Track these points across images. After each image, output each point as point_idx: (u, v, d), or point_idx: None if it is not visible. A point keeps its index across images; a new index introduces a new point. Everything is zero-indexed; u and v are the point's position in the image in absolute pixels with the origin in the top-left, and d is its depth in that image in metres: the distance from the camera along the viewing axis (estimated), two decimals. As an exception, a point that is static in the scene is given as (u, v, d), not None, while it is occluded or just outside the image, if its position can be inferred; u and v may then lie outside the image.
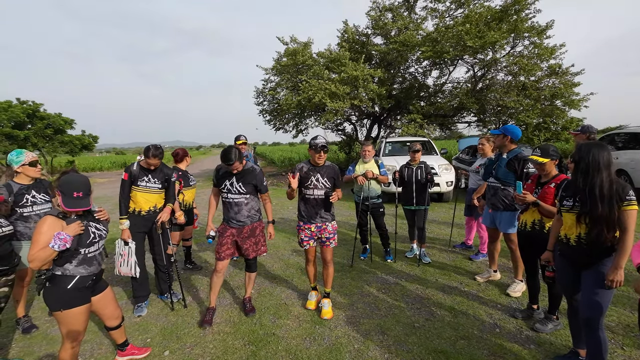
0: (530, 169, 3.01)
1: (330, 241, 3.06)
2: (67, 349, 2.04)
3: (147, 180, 3.18)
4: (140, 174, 3.16)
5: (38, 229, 1.87)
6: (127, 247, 3.05)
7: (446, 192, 8.08)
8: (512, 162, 3.14)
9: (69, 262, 1.97)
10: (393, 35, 12.52)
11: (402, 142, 10.14)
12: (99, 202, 6.34)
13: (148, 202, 3.21)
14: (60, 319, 1.98)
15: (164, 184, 3.28)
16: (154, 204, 3.25)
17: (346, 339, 2.74)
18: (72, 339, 2.03)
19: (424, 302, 3.29)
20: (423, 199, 4.28)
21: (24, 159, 2.83)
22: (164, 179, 3.27)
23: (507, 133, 3.18)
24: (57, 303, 1.95)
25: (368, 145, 4.29)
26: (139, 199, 3.18)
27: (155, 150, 3.11)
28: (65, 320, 1.98)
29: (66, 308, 1.96)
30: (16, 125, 14.59)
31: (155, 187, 3.22)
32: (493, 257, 3.66)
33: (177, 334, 2.88)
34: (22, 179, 2.87)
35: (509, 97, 10.90)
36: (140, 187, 3.17)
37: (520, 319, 2.92)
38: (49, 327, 3.04)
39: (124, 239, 3.06)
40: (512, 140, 3.20)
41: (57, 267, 1.97)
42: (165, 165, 3.39)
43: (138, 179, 3.15)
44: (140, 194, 3.18)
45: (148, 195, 3.20)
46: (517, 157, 3.13)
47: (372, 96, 11.32)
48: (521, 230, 2.82)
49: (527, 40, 10.65)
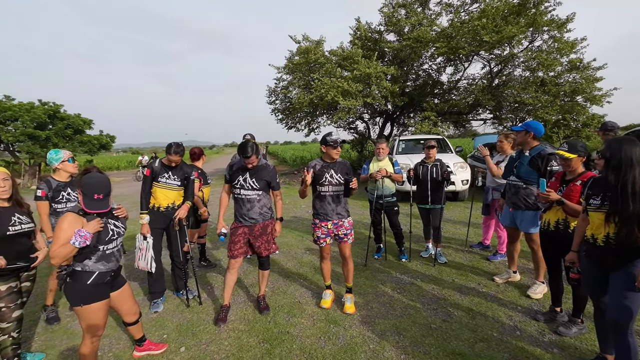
0: (554, 166, 2.89)
1: (348, 237, 3.06)
2: (87, 344, 2.08)
3: (167, 177, 3.26)
4: (161, 171, 3.25)
5: (59, 226, 1.91)
6: (146, 242, 3.11)
7: (461, 190, 7.92)
8: (534, 159, 3.03)
9: (88, 258, 2.01)
10: (406, 31, 12.34)
11: (416, 140, 9.99)
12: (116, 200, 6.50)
13: (167, 198, 3.28)
14: (80, 314, 2.02)
15: (183, 182, 3.35)
16: (173, 201, 3.32)
17: (361, 338, 2.70)
18: (91, 333, 2.07)
19: (440, 303, 3.22)
20: (438, 197, 4.19)
21: (63, 155, 3.00)
22: (184, 176, 3.34)
23: (530, 129, 3.07)
24: (78, 298, 1.99)
25: (382, 143, 4.23)
26: (158, 195, 3.26)
27: (176, 148, 3.20)
28: (85, 315, 2.02)
29: (86, 303, 1.99)
30: (38, 126, 15.10)
31: (175, 184, 3.29)
32: (513, 257, 3.55)
33: (192, 330, 2.90)
34: (60, 176, 3.03)
35: (526, 93, 10.60)
36: (161, 183, 3.25)
37: (542, 321, 2.81)
38: (69, 322, 3.12)
39: (143, 234, 3.12)
40: (534, 137, 3.09)
41: (77, 263, 2.00)
42: (186, 163, 3.47)
43: (159, 175, 3.24)
44: (159, 190, 3.26)
45: (167, 191, 3.28)
46: (540, 154, 3.02)
47: (385, 94, 11.20)
48: (544, 230, 2.71)
49: (546, 34, 10.33)
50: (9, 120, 14.52)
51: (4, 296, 2.23)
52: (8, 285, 2.25)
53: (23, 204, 2.42)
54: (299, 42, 12.39)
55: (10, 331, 2.26)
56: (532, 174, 3.05)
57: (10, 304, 2.25)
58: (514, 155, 3.32)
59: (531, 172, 3.06)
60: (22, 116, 14.45)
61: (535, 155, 3.04)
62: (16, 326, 2.29)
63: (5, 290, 2.24)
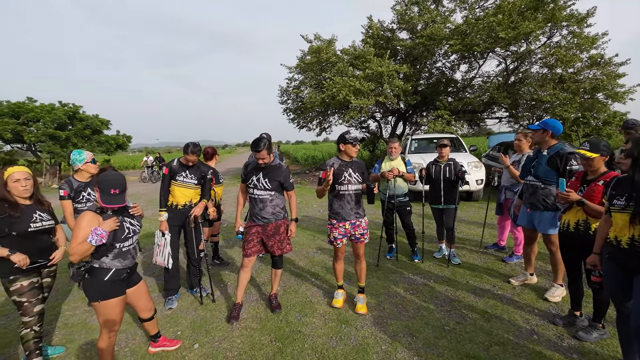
0: (574, 166, 2.80)
1: (365, 237, 3.05)
2: (105, 338, 2.13)
3: (184, 176, 3.34)
4: (179, 170, 3.34)
5: (77, 224, 1.96)
6: (164, 239, 3.17)
7: (476, 190, 7.77)
8: (553, 158, 2.94)
9: (105, 255, 2.06)
10: (419, 29, 12.19)
11: (429, 139, 9.85)
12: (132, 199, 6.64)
13: (184, 196, 3.36)
14: (98, 309, 2.07)
15: (200, 181, 3.42)
16: (190, 199, 3.39)
17: (373, 339, 2.68)
18: (109, 328, 2.12)
19: (454, 305, 3.16)
20: (452, 197, 4.12)
21: (86, 157, 3.09)
22: (201, 175, 3.41)
23: (548, 128, 2.98)
24: (96, 294, 2.04)
25: (394, 142, 4.18)
26: (176, 193, 3.34)
27: (193, 148, 3.28)
28: (103, 310, 2.07)
29: (103, 299, 2.04)
30: (58, 127, 15.58)
31: (192, 183, 3.36)
32: (530, 259, 3.46)
33: (206, 327, 2.94)
34: (81, 177, 3.12)
35: (544, 90, 10.30)
36: (178, 181, 3.33)
37: (561, 326, 2.73)
38: (88, 317, 3.20)
39: (161, 230, 3.19)
40: (552, 136, 3.00)
41: (94, 260, 2.06)
42: (203, 163, 3.55)
43: (177, 174, 3.33)
44: (177, 189, 3.34)
45: (184, 190, 3.36)
46: (558, 153, 2.92)
47: (398, 92, 11.08)
48: (563, 231, 2.63)
49: (565, 29, 10.01)
50: (31, 122, 15.03)
51: (26, 291, 2.30)
52: (30, 281, 2.33)
53: (44, 202, 2.50)
54: (311, 41, 12.39)
55: (32, 325, 2.33)
56: (550, 174, 2.96)
57: (32, 298, 2.33)
58: (531, 154, 3.23)
59: (549, 171, 2.96)
60: (43, 117, 14.93)
61: (553, 155, 2.95)
62: (38, 320, 2.36)
63: (28, 286, 2.31)
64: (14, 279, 2.27)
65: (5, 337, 2.94)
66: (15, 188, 2.29)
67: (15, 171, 2.31)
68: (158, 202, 3.36)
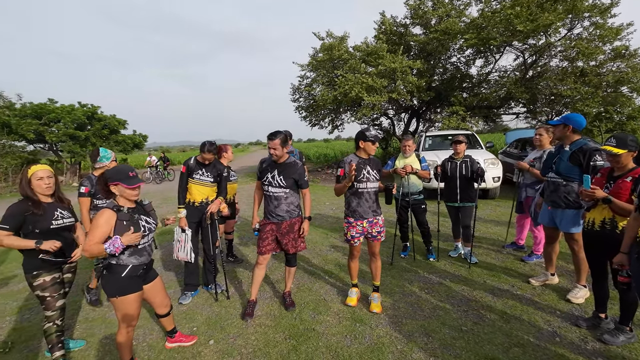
0: (598, 162, 2.68)
1: (381, 235, 3.03)
2: (123, 333, 2.18)
3: (200, 174, 3.40)
4: (195, 168, 3.40)
5: (95, 221, 2.00)
6: (184, 235, 3.23)
7: (492, 188, 7.59)
8: (576, 154, 2.82)
9: (122, 252, 2.10)
10: (433, 24, 11.97)
11: (443, 136, 9.67)
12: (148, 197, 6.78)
13: (201, 194, 3.43)
14: (116, 304, 2.11)
15: (216, 179, 3.48)
16: (206, 196, 3.45)
17: (388, 339, 2.64)
18: (126, 323, 2.16)
19: (471, 305, 3.09)
20: (468, 195, 4.02)
21: (112, 156, 3.26)
22: (217, 173, 3.47)
23: (569, 122, 2.86)
24: (114, 290, 2.08)
25: (409, 139, 4.11)
26: (193, 191, 3.41)
27: (210, 146, 3.35)
28: (121, 305, 2.11)
29: (121, 295, 2.08)
30: (78, 127, 16.07)
31: (208, 181, 3.43)
32: (551, 259, 3.34)
33: (221, 324, 2.97)
34: None
35: (564, 84, 9.94)
36: (195, 179, 3.40)
37: (585, 328, 2.63)
38: (107, 312, 3.28)
39: (181, 227, 3.25)
40: (574, 131, 2.87)
41: (111, 256, 2.10)
42: (219, 161, 3.59)
43: (194, 171, 3.39)
44: (194, 186, 3.41)
45: (201, 187, 3.42)
46: (581, 148, 2.80)
47: (411, 89, 10.92)
48: (588, 230, 2.52)
49: (587, 20, 9.63)
50: (53, 122, 15.55)
51: (48, 286, 2.37)
52: (52, 276, 2.40)
53: (64, 199, 2.57)
54: (323, 38, 12.33)
55: (55, 319, 2.40)
56: (573, 170, 2.85)
57: (54, 293, 2.40)
58: (552, 150, 3.11)
59: (572, 168, 2.85)
60: (64, 118, 15.42)
61: (576, 150, 2.83)
62: (59, 314, 2.43)
63: (50, 281, 2.38)
64: (37, 274, 2.34)
65: (29, 330, 3.04)
66: (39, 186, 2.35)
67: (39, 169, 2.38)
68: (176, 199, 3.45)
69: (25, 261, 2.36)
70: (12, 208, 2.29)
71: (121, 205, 2.11)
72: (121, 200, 2.13)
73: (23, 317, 3.29)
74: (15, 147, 15.59)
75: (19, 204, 2.31)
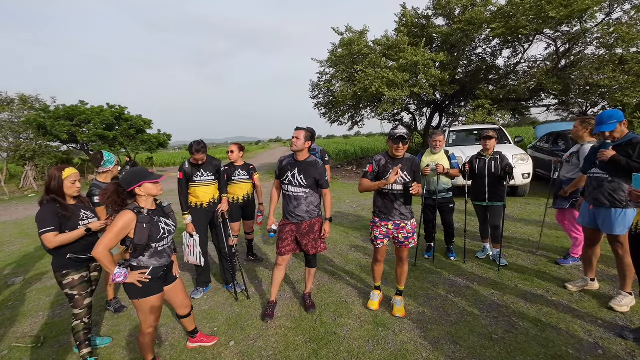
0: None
1: (409, 241, 2.83)
2: (145, 334, 2.19)
3: (201, 175, 3.39)
4: (193, 171, 3.37)
5: (116, 222, 1.99)
6: (193, 239, 3.24)
7: (522, 185, 7.21)
8: (624, 147, 2.58)
9: (142, 255, 2.10)
10: (457, 14, 11.50)
11: (469, 131, 9.30)
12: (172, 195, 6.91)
13: (207, 194, 3.42)
14: (138, 306, 2.13)
15: (216, 175, 3.48)
16: (212, 195, 3.46)
17: (412, 345, 2.53)
18: (148, 324, 2.17)
19: (501, 311, 2.91)
20: (497, 194, 3.79)
21: (115, 160, 3.23)
22: (215, 170, 3.47)
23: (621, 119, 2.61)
24: (136, 292, 2.09)
25: (439, 135, 3.89)
26: (198, 194, 3.40)
27: (197, 146, 3.29)
28: (143, 307, 2.12)
29: (143, 297, 2.09)
30: (107, 127, 16.73)
31: (210, 179, 3.43)
32: (591, 263, 3.09)
33: (241, 324, 2.95)
34: (105, 179, 3.20)
35: (601, 74, 9.26)
36: (197, 182, 3.38)
37: (632, 340, 2.40)
38: (132, 310, 3.35)
39: (189, 232, 3.26)
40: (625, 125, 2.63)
41: (133, 259, 2.11)
42: (212, 157, 3.53)
43: (193, 175, 3.36)
44: (199, 189, 3.40)
45: (205, 188, 3.42)
46: (631, 142, 2.55)
47: (434, 82, 10.55)
48: (635, 233, 2.30)
49: (627, 3, 8.92)
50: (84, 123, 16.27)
51: (77, 284, 2.43)
52: (80, 275, 2.46)
53: (84, 200, 2.64)
54: (342, 33, 12.14)
55: (82, 317, 2.46)
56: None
57: (82, 291, 2.45)
58: (596, 144, 2.86)
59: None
60: (93, 119, 16.09)
61: (626, 142, 2.58)
62: (87, 312, 2.49)
63: (78, 279, 2.44)
64: (66, 273, 2.41)
65: (61, 325, 3.16)
66: (71, 188, 2.44)
67: (72, 172, 2.46)
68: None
69: (55, 261, 2.42)
70: (45, 211, 2.33)
71: (142, 207, 2.11)
72: (142, 202, 2.13)
73: (55, 313, 3.42)
74: (50, 147, 16.46)
75: (49, 207, 2.36)
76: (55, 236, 2.30)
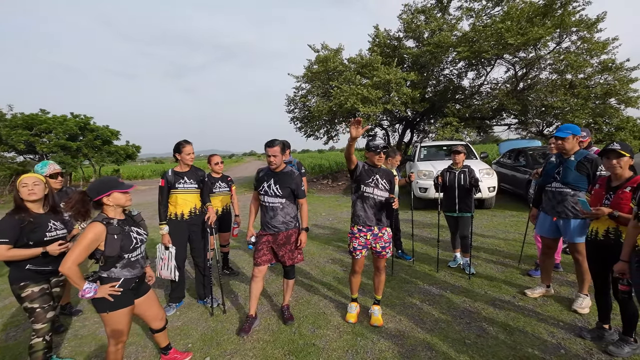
0: (602, 171, 2.70)
1: (386, 250, 2.92)
2: (112, 350, 2.08)
3: (184, 182, 3.31)
4: (176, 178, 3.29)
5: (83, 236, 1.89)
6: (168, 252, 3.12)
7: (488, 198, 7.62)
8: (582, 163, 2.84)
9: (114, 266, 2.01)
10: (426, 37, 12.22)
11: (438, 147, 9.77)
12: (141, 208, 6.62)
13: (187, 202, 3.31)
14: (106, 320, 2.02)
15: (199, 184, 3.40)
16: (194, 205, 3.35)
17: (390, 353, 2.57)
18: (116, 339, 2.06)
19: (473, 317, 3.04)
20: (466, 205, 4.01)
21: (47, 170, 2.97)
22: (199, 179, 3.40)
23: (576, 132, 2.89)
24: (104, 305, 1.98)
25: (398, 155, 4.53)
26: (179, 202, 3.29)
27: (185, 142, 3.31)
28: (111, 321, 2.02)
29: (112, 310, 1.99)
30: (70, 137, 15.84)
31: (192, 187, 3.35)
32: (548, 272, 3.30)
33: (217, 340, 2.86)
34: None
35: (554, 96, 10.17)
36: (179, 189, 3.29)
37: (589, 339, 2.59)
38: (97, 329, 3.15)
39: (164, 244, 3.14)
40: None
41: (103, 270, 2.01)
42: (196, 167, 3.49)
43: (175, 182, 3.28)
44: (180, 196, 3.29)
45: (187, 195, 3.31)
46: (587, 158, 2.83)
47: (405, 100, 11.05)
48: (591, 240, 2.51)
49: (575, 35, 9.94)
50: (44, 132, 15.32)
51: (37, 297, 2.27)
52: (40, 287, 2.30)
53: (59, 210, 2.48)
54: (318, 50, 12.47)
55: (44, 333, 2.28)
56: (581, 180, 2.85)
57: (44, 304, 2.29)
58: (553, 160, 3.12)
59: (580, 177, 2.85)
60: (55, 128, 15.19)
61: (582, 159, 2.85)
62: (49, 329, 2.32)
63: (38, 292, 2.28)
64: (24, 285, 2.26)
65: (15, 349, 2.89)
66: (22, 192, 2.29)
67: (25, 177, 2.34)
68: None
69: (12, 272, 2.27)
70: (5, 221, 2.20)
71: (111, 217, 2.03)
72: (110, 212, 2.05)
73: (8, 335, 3.13)
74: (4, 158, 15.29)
75: (11, 216, 2.23)
76: (7, 249, 2.16)
